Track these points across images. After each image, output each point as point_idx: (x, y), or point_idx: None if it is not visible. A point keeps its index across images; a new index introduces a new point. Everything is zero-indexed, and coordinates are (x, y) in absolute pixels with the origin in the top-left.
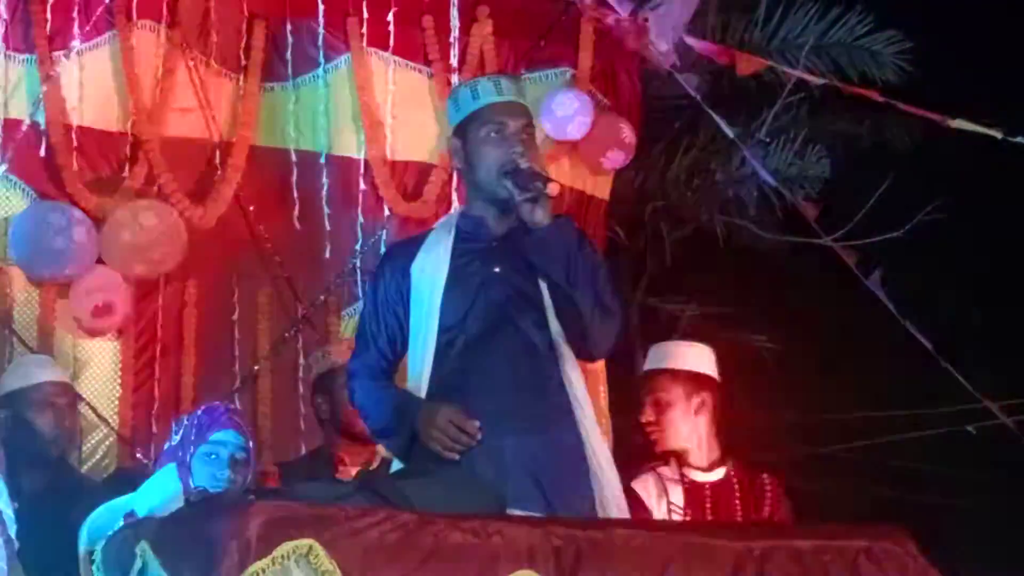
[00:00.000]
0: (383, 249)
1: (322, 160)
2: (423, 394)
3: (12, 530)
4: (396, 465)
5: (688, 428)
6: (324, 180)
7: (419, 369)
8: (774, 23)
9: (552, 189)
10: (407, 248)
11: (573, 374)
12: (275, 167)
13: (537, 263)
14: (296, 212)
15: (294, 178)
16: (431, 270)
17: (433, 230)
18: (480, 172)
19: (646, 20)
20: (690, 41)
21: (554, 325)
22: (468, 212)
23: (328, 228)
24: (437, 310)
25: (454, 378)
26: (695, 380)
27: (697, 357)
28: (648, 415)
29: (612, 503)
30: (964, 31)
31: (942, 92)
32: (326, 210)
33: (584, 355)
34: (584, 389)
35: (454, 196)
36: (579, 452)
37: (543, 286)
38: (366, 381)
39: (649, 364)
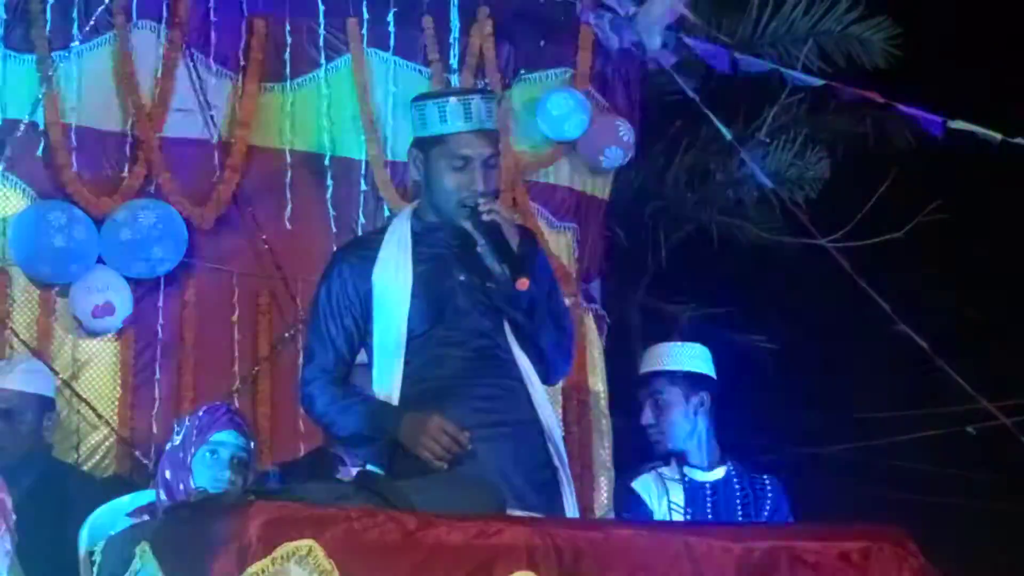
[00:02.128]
0: None
1: (327, 162)
2: (393, 403)
3: (11, 520)
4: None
5: (688, 428)
6: (328, 182)
7: (388, 377)
8: (765, 17)
9: (520, 285)
10: (363, 252)
11: (532, 376)
12: (275, 167)
13: (499, 307)
14: (288, 213)
15: (287, 179)
16: (394, 277)
17: (385, 233)
18: (437, 195)
19: (634, 16)
20: (689, 42)
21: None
22: (421, 216)
23: (322, 228)
24: (406, 318)
25: (426, 386)
26: (693, 380)
27: (693, 357)
28: (648, 417)
29: (570, 504)
30: (954, 12)
31: (934, 77)
32: (331, 211)
33: (545, 380)
34: (543, 391)
35: None
36: (546, 453)
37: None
38: (327, 387)
39: (645, 366)
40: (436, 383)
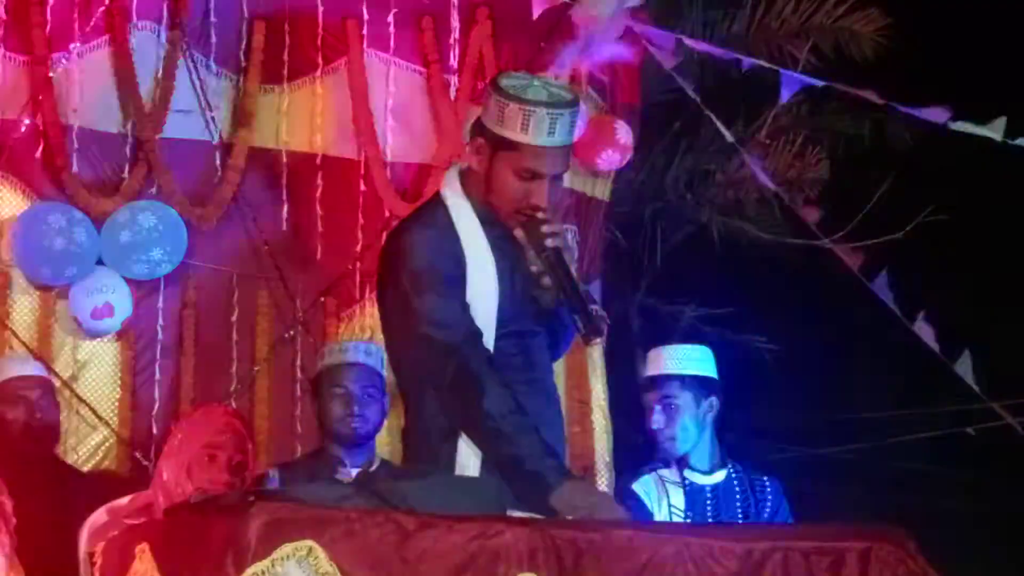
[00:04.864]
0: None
1: (317, 161)
2: None
3: (12, 524)
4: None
5: (697, 433)
6: (319, 181)
7: None
8: (759, 13)
9: (593, 344)
10: (442, 233)
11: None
12: (275, 168)
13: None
14: (285, 213)
15: (284, 179)
16: (478, 256)
17: (450, 213)
18: (494, 196)
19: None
20: (688, 42)
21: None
22: (474, 196)
23: (321, 229)
24: (496, 300)
25: (514, 376)
26: (703, 384)
27: (703, 360)
28: (658, 422)
29: None
30: (953, 10)
31: (921, 63)
32: (318, 211)
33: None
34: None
35: None
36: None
37: None
38: (498, 385)
39: (654, 368)
40: (517, 373)
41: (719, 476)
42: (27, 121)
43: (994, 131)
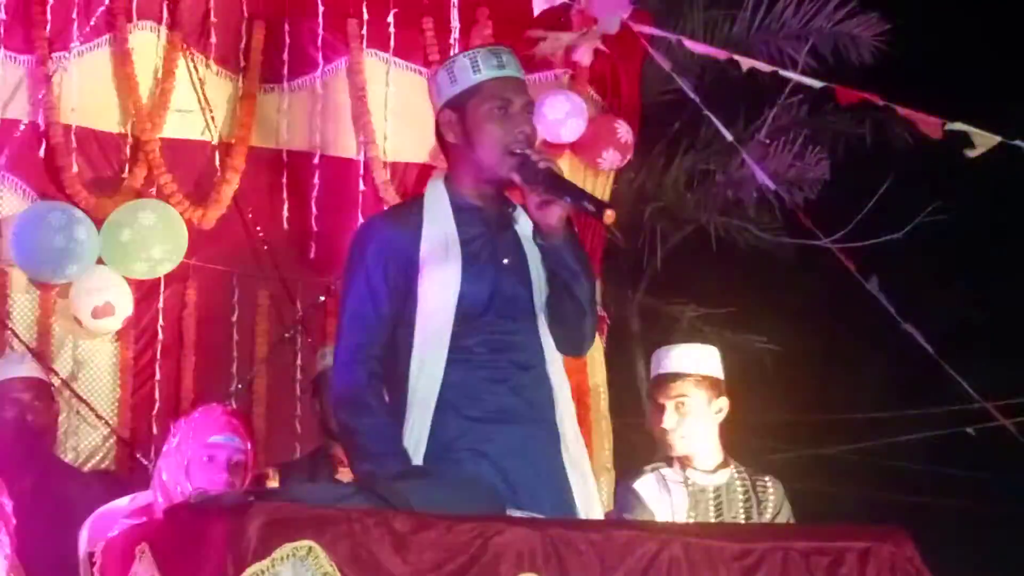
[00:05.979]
0: None
1: (315, 160)
2: (434, 393)
3: (11, 524)
4: None
5: (705, 432)
6: (316, 180)
7: (430, 367)
8: (760, 15)
9: (608, 218)
10: (405, 220)
11: (557, 370)
12: (274, 168)
13: (551, 266)
14: (286, 212)
15: (284, 179)
16: (443, 252)
17: (421, 203)
18: (481, 150)
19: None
20: (688, 43)
21: (541, 319)
22: (457, 187)
23: (321, 229)
24: (457, 297)
25: (468, 377)
26: (716, 385)
27: (714, 361)
28: (670, 421)
29: (582, 504)
30: (953, 12)
31: (931, 77)
32: (313, 210)
33: (575, 350)
34: (563, 379)
35: None
36: (557, 450)
37: (538, 281)
38: (371, 385)
39: (667, 367)
40: (482, 371)
41: (722, 476)
42: (27, 121)
43: (992, 132)
